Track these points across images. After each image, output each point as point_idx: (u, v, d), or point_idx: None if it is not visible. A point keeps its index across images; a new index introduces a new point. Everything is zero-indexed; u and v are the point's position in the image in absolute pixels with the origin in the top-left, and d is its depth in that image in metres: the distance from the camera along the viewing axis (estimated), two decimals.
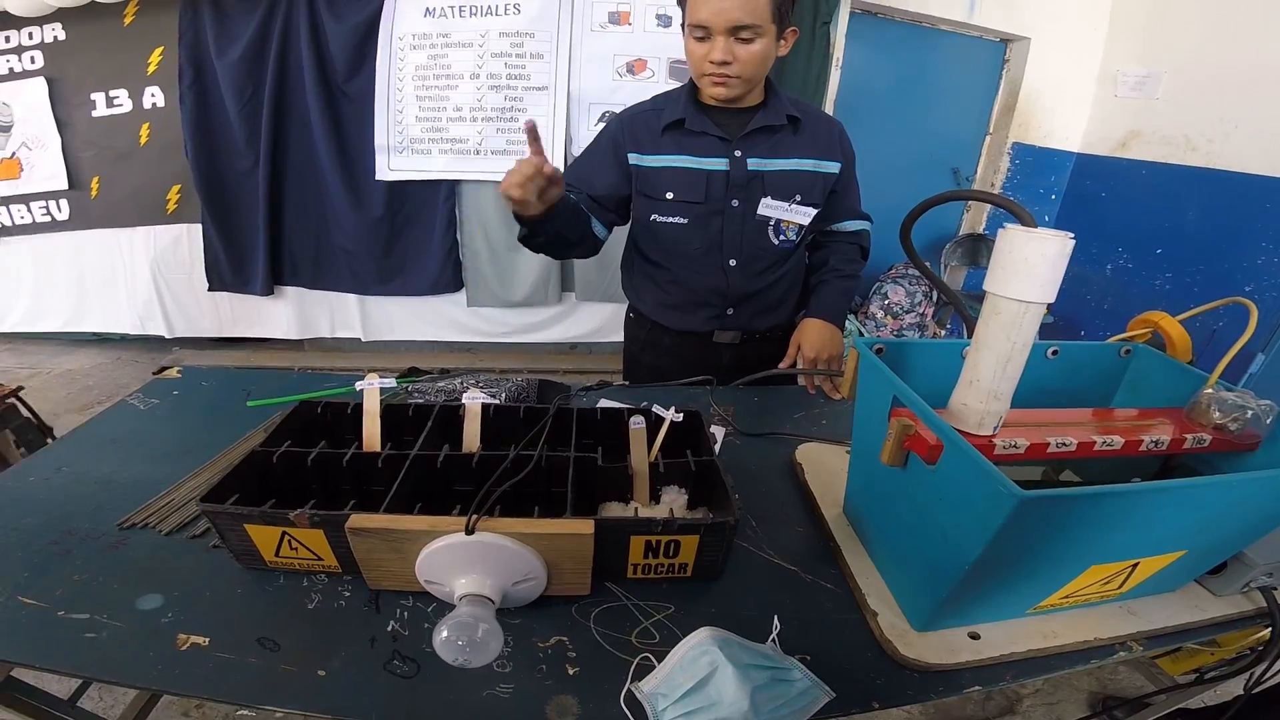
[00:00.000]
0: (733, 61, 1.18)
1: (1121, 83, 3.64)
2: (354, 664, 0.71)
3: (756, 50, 1.18)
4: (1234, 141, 3.13)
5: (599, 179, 1.35)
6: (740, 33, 1.15)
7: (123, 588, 0.79)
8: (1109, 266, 3.76)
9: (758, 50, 1.18)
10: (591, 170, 1.37)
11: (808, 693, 0.68)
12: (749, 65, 1.19)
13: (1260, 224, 3.04)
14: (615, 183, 1.36)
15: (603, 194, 1.35)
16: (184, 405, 1.25)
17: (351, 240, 3.20)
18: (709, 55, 1.18)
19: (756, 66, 1.21)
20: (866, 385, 0.83)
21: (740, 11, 1.13)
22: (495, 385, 1.22)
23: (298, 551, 0.79)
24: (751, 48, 1.17)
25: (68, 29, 3.01)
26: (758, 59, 1.19)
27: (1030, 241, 0.61)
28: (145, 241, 3.27)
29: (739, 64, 1.19)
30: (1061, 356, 0.90)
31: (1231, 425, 0.76)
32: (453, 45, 2.95)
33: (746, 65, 1.19)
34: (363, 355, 3.56)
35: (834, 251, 1.47)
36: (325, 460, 0.87)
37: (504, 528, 0.72)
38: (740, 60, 1.18)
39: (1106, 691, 1.77)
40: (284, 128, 3.05)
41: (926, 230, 4.26)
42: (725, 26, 1.15)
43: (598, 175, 1.36)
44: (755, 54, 1.18)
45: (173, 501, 0.94)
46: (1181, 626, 0.81)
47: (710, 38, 1.17)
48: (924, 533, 0.72)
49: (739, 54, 1.18)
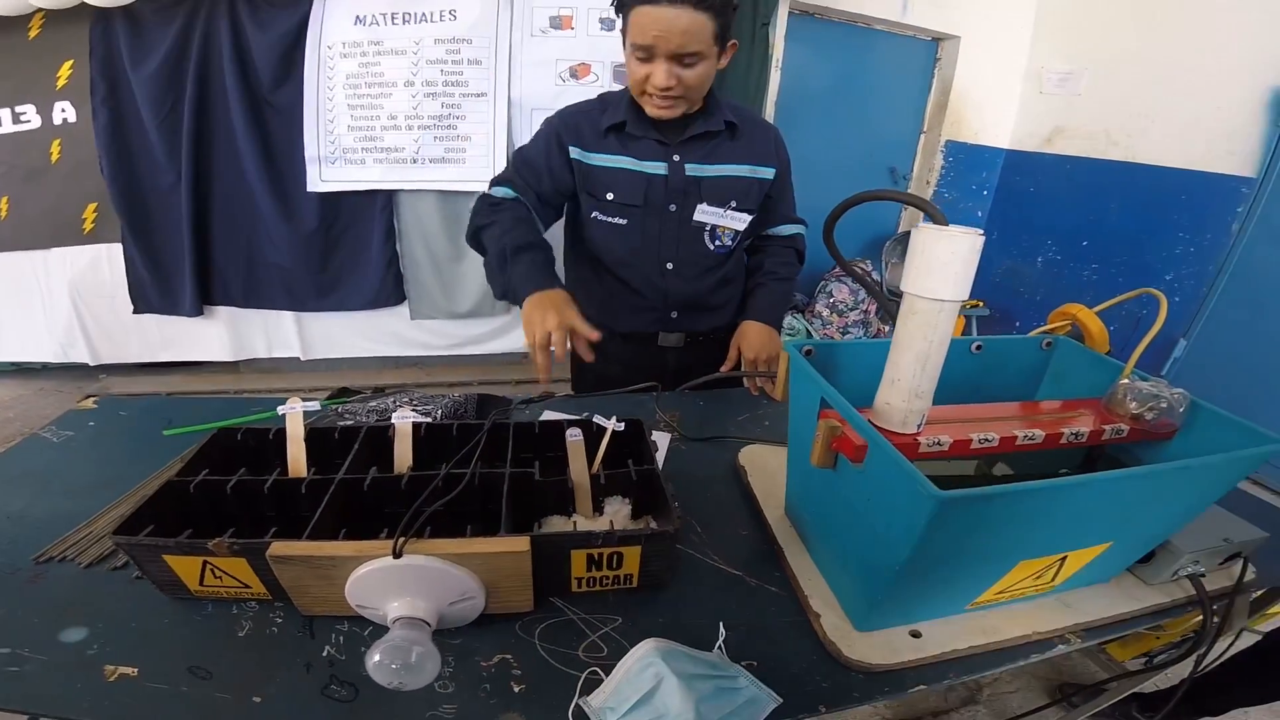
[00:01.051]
0: (675, 84, 1.18)
1: (1046, 80, 3.77)
2: (290, 690, 0.69)
3: (699, 72, 1.18)
4: (1151, 135, 3.27)
5: (545, 174, 1.33)
6: (684, 59, 1.15)
7: (44, 621, 0.76)
8: (1039, 259, 3.90)
9: (701, 72, 1.18)
10: (538, 163, 1.33)
11: (754, 700, 0.68)
12: (692, 88, 1.20)
13: (1177, 215, 3.18)
14: (560, 177, 1.33)
15: (549, 189, 1.34)
16: (101, 437, 1.19)
17: (284, 255, 3.09)
18: (652, 79, 1.18)
19: (699, 88, 1.21)
20: (797, 387, 0.84)
21: (684, 38, 1.11)
22: (430, 402, 1.19)
23: (222, 580, 0.76)
24: (695, 70, 1.17)
25: None
26: (700, 80, 1.19)
27: (942, 239, 0.62)
28: (61, 263, 3.08)
29: (682, 86, 1.18)
30: (986, 351, 0.93)
31: (1147, 415, 0.79)
32: (385, 53, 2.88)
33: (690, 89, 1.20)
34: (303, 375, 3.43)
35: (770, 255, 1.49)
36: (247, 488, 0.84)
37: (435, 549, 0.70)
38: (683, 83, 1.18)
39: (1063, 679, 1.83)
40: (207, 141, 2.92)
41: (866, 228, 4.36)
42: (668, 52, 1.14)
43: (544, 169, 1.33)
44: (698, 75, 1.18)
45: (91, 534, 0.90)
46: (1117, 617, 0.83)
47: (652, 60, 1.16)
48: (858, 533, 0.73)
49: (683, 77, 1.17)
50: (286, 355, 3.39)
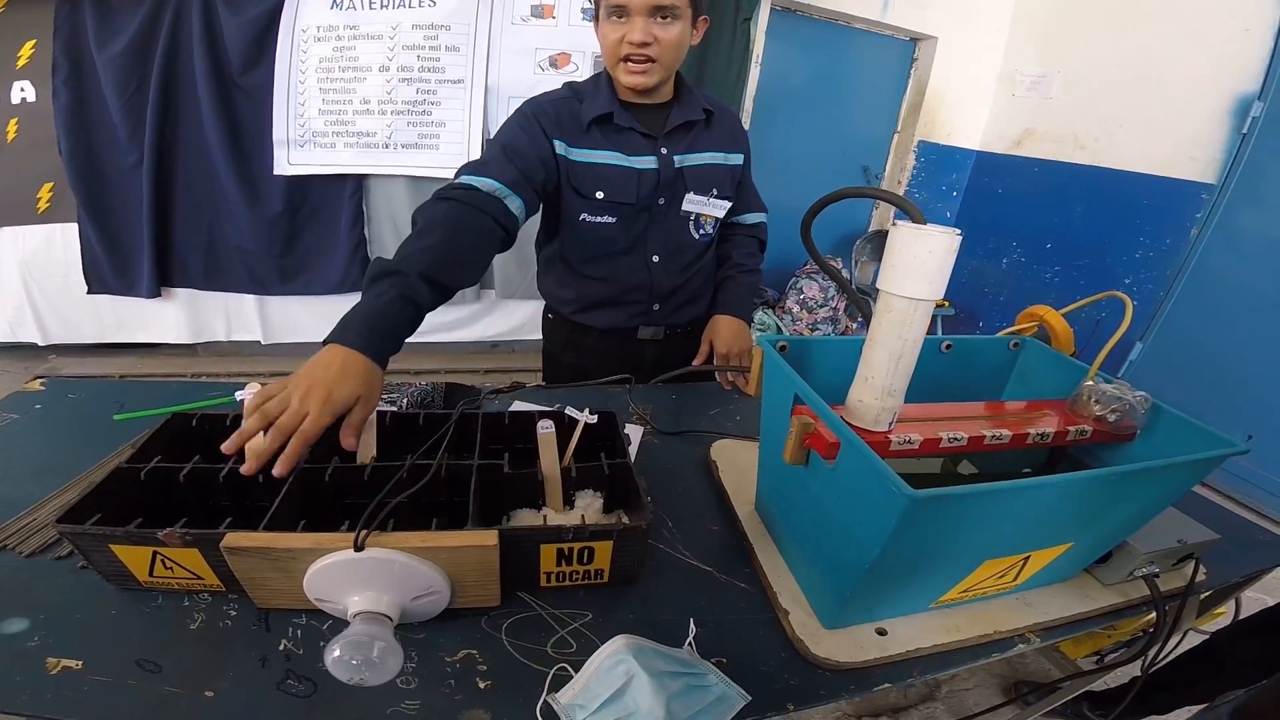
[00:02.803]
0: (653, 43, 1.15)
1: (1019, 82, 3.83)
2: (245, 684, 0.67)
3: (675, 33, 1.16)
4: (1117, 140, 3.33)
5: (527, 156, 1.19)
6: (660, 13, 1.13)
7: None
8: (1005, 260, 3.97)
9: (676, 33, 1.16)
10: (527, 152, 1.19)
11: (724, 698, 0.68)
12: (668, 49, 1.17)
13: (1139, 220, 3.25)
14: (549, 169, 1.23)
15: (533, 168, 1.19)
16: (48, 420, 1.14)
17: (248, 238, 3.02)
18: (628, 36, 1.15)
19: (674, 51, 1.19)
20: (771, 383, 0.84)
21: None
22: (395, 391, 1.16)
23: (174, 571, 0.73)
24: (671, 30, 1.15)
25: None
26: (675, 42, 1.17)
27: (919, 238, 0.62)
28: (12, 242, 2.98)
29: (659, 46, 1.16)
30: (955, 350, 0.94)
31: (1110, 416, 0.81)
32: (361, 37, 2.84)
33: (665, 49, 1.17)
34: (263, 359, 3.36)
35: (735, 246, 1.49)
36: (200, 476, 0.81)
37: (398, 542, 0.68)
38: (660, 42, 1.15)
39: (1018, 676, 1.87)
40: (172, 123, 2.86)
41: (837, 226, 4.39)
42: (645, 6, 1.12)
43: (526, 152, 1.19)
44: (674, 37, 1.16)
45: (34, 522, 0.86)
46: (1074, 616, 0.84)
47: (628, 17, 1.14)
48: (828, 530, 0.73)
49: (659, 35, 1.15)
50: (247, 339, 3.32)
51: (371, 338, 0.83)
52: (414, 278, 0.91)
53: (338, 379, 0.77)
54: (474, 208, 1.07)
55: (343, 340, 0.82)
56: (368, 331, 0.84)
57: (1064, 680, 1.41)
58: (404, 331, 0.90)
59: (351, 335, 0.82)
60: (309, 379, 0.76)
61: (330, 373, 0.78)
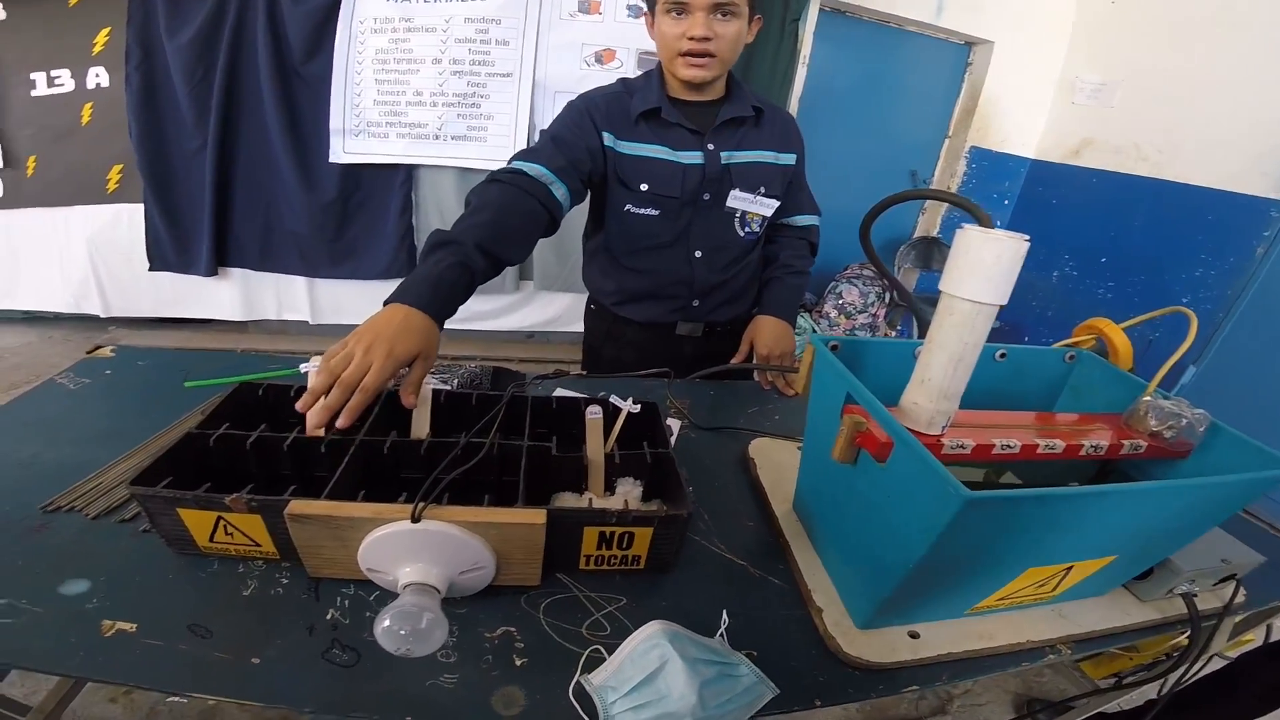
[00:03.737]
0: (713, 38, 1.16)
1: (1079, 90, 3.70)
2: (291, 652, 0.68)
3: (734, 29, 1.17)
4: (1182, 152, 3.19)
5: (576, 147, 1.23)
6: (720, 10, 1.15)
7: (46, 572, 0.75)
8: (1055, 274, 3.84)
9: (735, 30, 1.17)
10: (577, 143, 1.23)
11: (753, 688, 0.68)
12: (726, 44, 1.18)
13: (1201, 236, 3.11)
14: (597, 160, 1.27)
15: (587, 169, 1.24)
16: (117, 386, 1.19)
17: (302, 223, 3.12)
18: (688, 31, 1.16)
19: (733, 47, 1.20)
20: (820, 382, 0.84)
21: None
22: (447, 372, 1.19)
23: (233, 537, 0.76)
24: (730, 26, 1.16)
25: (8, 8, 2.91)
26: (734, 39, 1.18)
27: (987, 243, 0.62)
28: (83, 220, 3.14)
29: (718, 41, 1.17)
30: (1009, 360, 0.92)
31: (1166, 433, 0.79)
32: (415, 29, 2.90)
33: (724, 44, 1.18)
34: (310, 339, 3.47)
35: (784, 247, 1.48)
36: (266, 444, 0.84)
37: (452, 516, 0.70)
38: (719, 37, 1.17)
39: (1032, 694, 1.83)
40: (235, 109, 2.96)
41: (881, 232, 4.32)
42: (706, 2, 1.13)
43: (575, 143, 1.23)
44: (733, 33, 1.17)
45: (101, 485, 0.90)
46: (1108, 630, 0.83)
47: (688, 13, 1.15)
48: (871, 530, 0.73)
49: (719, 30, 1.16)
50: (296, 318, 3.43)
51: (432, 298, 0.87)
52: (470, 247, 0.96)
53: (399, 334, 0.80)
54: (522, 190, 1.12)
55: (403, 300, 0.85)
56: (429, 292, 0.87)
57: (1078, 698, 1.38)
58: (460, 297, 0.93)
59: (412, 296, 0.86)
60: (371, 334, 0.79)
61: (392, 328, 0.81)
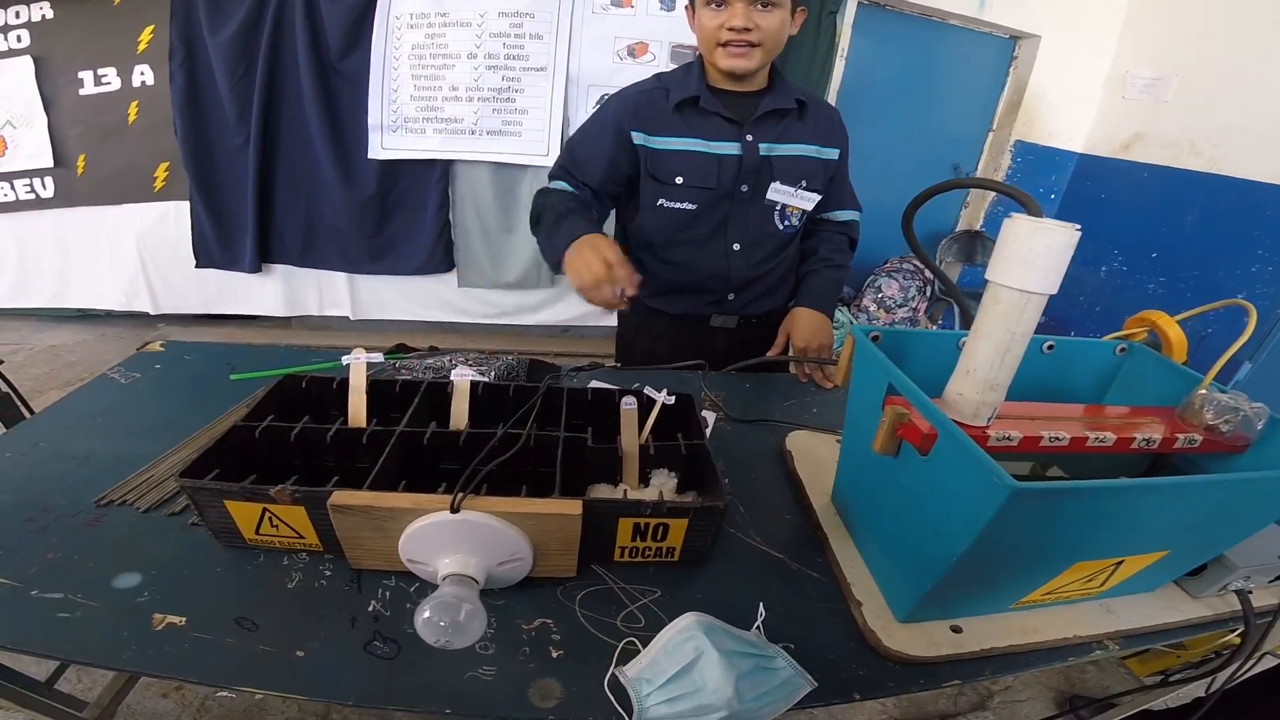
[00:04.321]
0: (753, 29, 1.15)
1: (1130, 84, 3.60)
2: (333, 645, 0.70)
3: (776, 20, 1.16)
4: (1239, 147, 3.10)
5: (602, 165, 1.30)
6: (760, 1, 1.14)
7: (99, 566, 0.77)
8: (1103, 269, 3.75)
9: (777, 20, 1.16)
10: (593, 155, 1.31)
11: (790, 681, 0.67)
12: (768, 35, 1.17)
13: (1259, 231, 3.02)
14: (619, 166, 1.31)
15: (604, 182, 1.32)
16: (166, 380, 1.23)
17: (342, 219, 3.17)
18: (728, 22, 1.16)
19: (775, 38, 1.19)
20: (861, 373, 0.83)
21: None
22: (484, 364, 1.20)
23: (278, 529, 0.77)
24: (771, 17, 1.16)
25: (55, 8, 2.99)
26: (776, 29, 1.17)
27: (1037, 231, 0.60)
28: (132, 218, 3.23)
29: (759, 32, 1.16)
30: (1056, 352, 0.90)
31: (1223, 427, 0.76)
32: (451, 25, 2.92)
33: (766, 34, 1.17)
34: (351, 334, 3.53)
35: (823, 241, 1.47)
36: (309, 436, 0.85)
37: (490, 506, 0.71)
38: (760, 28, 1.16)
39: (1074, 690, 1.79)
40: (276, 106, 3.01)
41: (923, 225, 4.22)
42: None
43: (600, 161, 1.30)
44: (775, 23, 1.16)
45: (152, 478, 0.92)
46: (1158, 627, 0.81)
47: (728, 4, 1.15)
48: (913, 523, 0.72)
49: (759, 21, 1.15)
50: (337, 314, 3.49)
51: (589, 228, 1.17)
52: (580, 210, 1.26)
53: (590, 240, 1.12)
54: (570, 197, 1.31)
55: (574, 238, 1.14)
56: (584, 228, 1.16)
57: (1122, 695, 1.34)
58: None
59: (576, 234, 1.15)
60: (580, 257, 1.11)
61: (584, 241, 1.12)
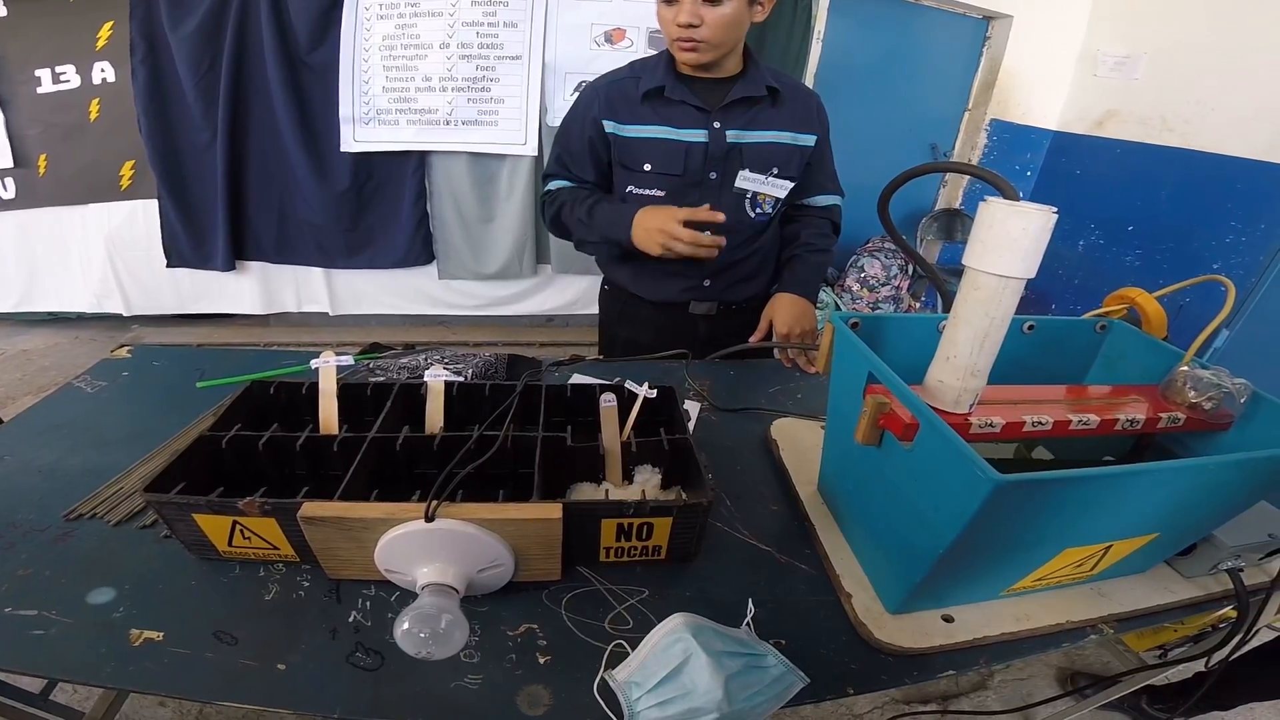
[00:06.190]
0: (699, 24, 1.14)
1: (1101, 63, 3.64)
2: (315, 657, 0.68)
3: (725, 13, 1.14)
4: (1210, 122, 3.15)
5: (588, 157, 1.35)
6: None
7: (71, 582, 0.75)
8: (1081, 243, 3.80)
9: (726, 13, 1.14)
10: (577, 149, 1.35)
11: (782, 679, 0.67)
12: (716, 29, 1.15)
13: (1231, 204, 3.07)
14: (600, 155, 1.35)
15: (595, 170, 1.36)
16: (134, 387, 1.20)
17: (317, 213, 3.11)
18: (675, 18, 1.15)
19: (724, 31, 1.16)
20: (841, 361, 0.81)
21: None
22: (461, 361, 1.18)
23: (251, 541, 0.76)
24: (720, 10, 1.13)
25: (9, 5, 2.87)
26: (725, 22, 1.15)
27: (1013, 215, 0.59)
28: (98, 219, 3.14)
29: (706, 27, 1.14)
30: (1037, 332, 0.89)
31: (1206, 404, 0.76)
32: (422, 14, 2.86)
33: (714, 29, 1.15)
34: (331, 330, 3.48)
35: (806, 226, 1.45)
36: (278, 444, 0.83)
37: (467, 513, 0.69)
38: (707, 23, 1.14)
39: (1075, 668, 1.81)
40: (243, 101, 2.94)
41: (902, 204, 4.26)
42: None
43: (585, 153, 1.35)
44: (723, 17, 1.14)
45: (121, 490, 0.90)
46: (1151, 608, 0.81)
47: (678, 0, 1.13)
48: (899, 514, 0.71)
49: (706, 17, 1.14)
50: (315, 310, 3.44)
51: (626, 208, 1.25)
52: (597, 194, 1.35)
53: (650, 208, 1.22)
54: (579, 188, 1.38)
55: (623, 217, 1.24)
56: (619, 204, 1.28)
57: (1125, 674, 1.36)
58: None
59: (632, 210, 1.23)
60: (644, 229, 1.20)
61: (645, 211, 1.21)
